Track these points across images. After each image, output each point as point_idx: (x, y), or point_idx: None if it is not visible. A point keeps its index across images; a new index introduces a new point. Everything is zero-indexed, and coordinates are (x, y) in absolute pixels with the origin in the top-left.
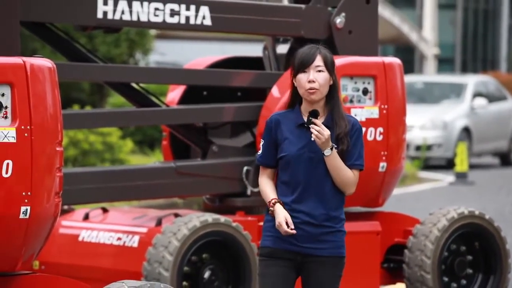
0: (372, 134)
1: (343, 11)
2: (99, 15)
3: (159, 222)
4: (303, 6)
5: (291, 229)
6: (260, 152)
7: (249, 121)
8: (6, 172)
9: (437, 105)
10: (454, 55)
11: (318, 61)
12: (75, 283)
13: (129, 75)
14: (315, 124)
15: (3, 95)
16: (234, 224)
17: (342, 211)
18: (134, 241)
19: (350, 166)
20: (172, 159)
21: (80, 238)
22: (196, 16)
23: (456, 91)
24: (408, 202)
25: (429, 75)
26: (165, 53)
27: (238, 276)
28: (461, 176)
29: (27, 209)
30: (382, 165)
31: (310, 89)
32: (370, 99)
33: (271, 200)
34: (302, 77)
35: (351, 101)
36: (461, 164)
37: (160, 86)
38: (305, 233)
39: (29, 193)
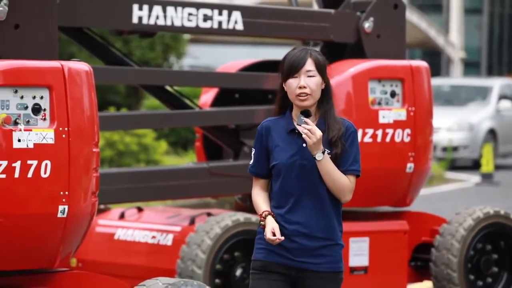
0: (400, 136)
1: (372, 15)
2: (135, 20)
3: (192, 221)
4: (332, 11)
5: (278, 238)
6: (251, 161)
7: None
8: (45, 173)
9: (463, 108)
10: (480, 59)
11: (309, 65)
12: (111, 280)
13: (164, 78)
14: (307, 124)
15: (42, 97)
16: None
17: (339, 222)
18: (168, 240)
19: (345, 172)
20: (205, 160)
21: (116, 237)
22: (228, 21)
23: (482, 93)
24: (435, 202)
25: (456, 78)
26: (198, 56)
27: None
28: (486, 177)
29: (64, 208)
30: (410, 166)
31: (301, 94)
32: (398, 101)
33: (262, 212)
34: (292, 83)
35: (379, 103)
36: (487, 165)
37: (194, 89)
38: (300, 246)
39: (66, 192)
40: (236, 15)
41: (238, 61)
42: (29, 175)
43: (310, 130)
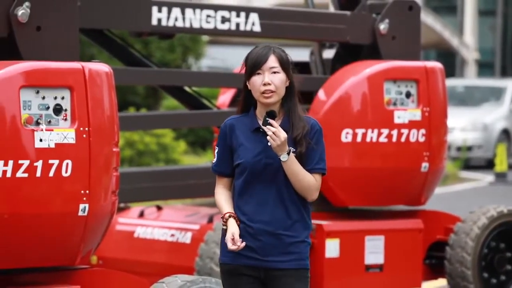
0: (415, 136)
1: (387, 17)
2: (154, 22)
3: (210, 220)
4: (348, 13)
5: (238, 245)
6: (214, 160)
7: None
8: (66, 172)
9: (477, 108)
10: (493, 60)
11: (272, 61)
12: (131, 278)
13: (182, 79)
14: (271, 125)
15: (63, 98)
16: None
17: (306, 219)
18: (187, 238)
19: (311, 171)
20: None
21: (135, 235)
22: (246, 22)
23: (496, 94)
24: (449, 201)
25: (470, 79)
26: (216, 58)
27: None
28: (500, 176)
29: (85, 207)
30: (425, 165)
31: (265, 91)
32: (413, 102)
33: (225, 214)
34: (256, 80)
35: (394, 104)
36: (501, 164)
37: (212, 90)
38: (266, 244)
39: (87, 191)
40: (254, 17)
41: None
42: (51, 174)
43: (275, 133)
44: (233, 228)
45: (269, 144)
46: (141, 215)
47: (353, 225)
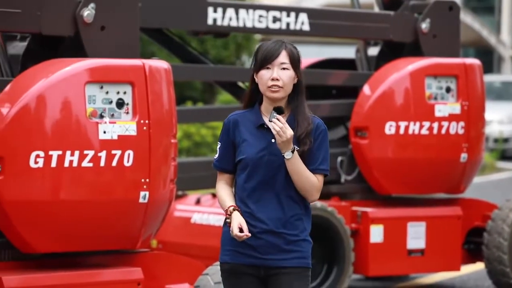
0: (454, 128)
1: (428, 17)
2: (210, 21)
3: None
4: (392, 12)
5: (245, 235)
6: (216, 155)
7: (342, 116)
8: (128, 161)
9: None
10: None
11: (283, 57)
12: (188, 261)
13: (236, 75)
14: (279, 121)
15: (125, 93)
16: (329, 209)
17: (306, 219)
18: None
19: (314, 171)
20: None
21: (192, 220)
22: (295, 22)
23: None
24: (486, 189)
25: (506, 74)
26: None
27: (333, 256)
28: None
29: (145, 194)
30: (463, 156)
31: (273, 86)
32: (453, 96)
33: (229, 207)
34: (264, 74)
35: (435, 98)
36: None
37: None
38: (266, 243)
39: (147, 180)
40: (303, 16)
41: (304, 59)
42: (114, 164)
43: (282, 129)
44: (239, 218)
45: (273, 140)
46: (198, 202)
47: (396, 212)
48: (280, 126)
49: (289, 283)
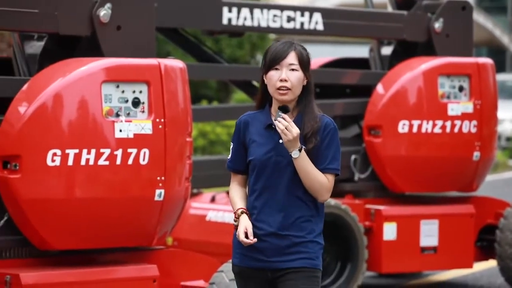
0: (467, 127)
1: (441, 16)
2: (224, 21)
3: None
4: (405, 12)
5: (251, 239)
6: (229, 156)
7: (356, 115)
8: (143, 160)
9: None
10: None
11: (292, 58)
12: (203, 258)
13: (251, 74)
14: (284, 120)
15: (140, 92)
16: (343, 207)
17: (316, 220)
18: None
19: (323, 170)
20: None
21: (207, 218)
22: (309, 21)
23: None
24: (499, 187)
25: None
26: None
27: (347, 253)
28: None
29: (161, 192)
30: (476, 154)
31: (281, 87)
32: (465, 95)
33: (237, 210)
34: (273, 75)
35: (448, 97)
36: None
37: None
38: (272, 245)
39: (163, 178)
40: (317, 16)
41: (318, 59)
42: (129, 162)
43: (287, 127)
44: (246, 222)
45: (280, 141)
46: (213, 200)
47: (409, 210)
48: (285, 125)
49: (295, 284)
